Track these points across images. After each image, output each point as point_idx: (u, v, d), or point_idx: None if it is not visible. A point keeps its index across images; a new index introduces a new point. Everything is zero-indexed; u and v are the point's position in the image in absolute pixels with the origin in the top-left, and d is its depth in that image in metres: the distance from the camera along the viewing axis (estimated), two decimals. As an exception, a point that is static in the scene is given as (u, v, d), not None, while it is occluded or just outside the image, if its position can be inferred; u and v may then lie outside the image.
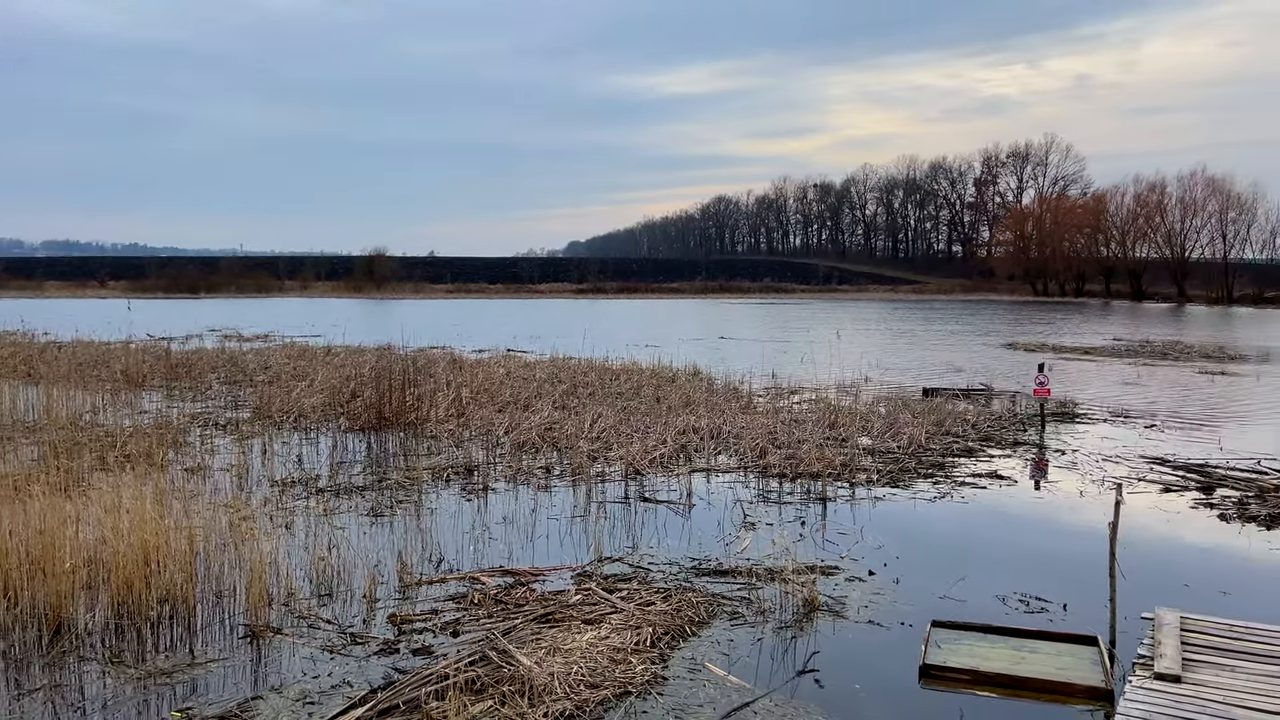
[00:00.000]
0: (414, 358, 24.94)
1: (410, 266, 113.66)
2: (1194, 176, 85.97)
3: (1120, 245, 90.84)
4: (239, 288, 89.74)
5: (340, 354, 28.56)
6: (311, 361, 26.43)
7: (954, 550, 10.25)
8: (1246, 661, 6.76)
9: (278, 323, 47.16)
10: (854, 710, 6.35)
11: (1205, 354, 33.78)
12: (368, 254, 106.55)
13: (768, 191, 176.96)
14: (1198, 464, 14.34)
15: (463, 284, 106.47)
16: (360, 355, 27.55)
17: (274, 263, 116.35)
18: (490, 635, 7.26)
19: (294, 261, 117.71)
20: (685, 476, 13.38)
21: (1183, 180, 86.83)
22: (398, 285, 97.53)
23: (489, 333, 40.95)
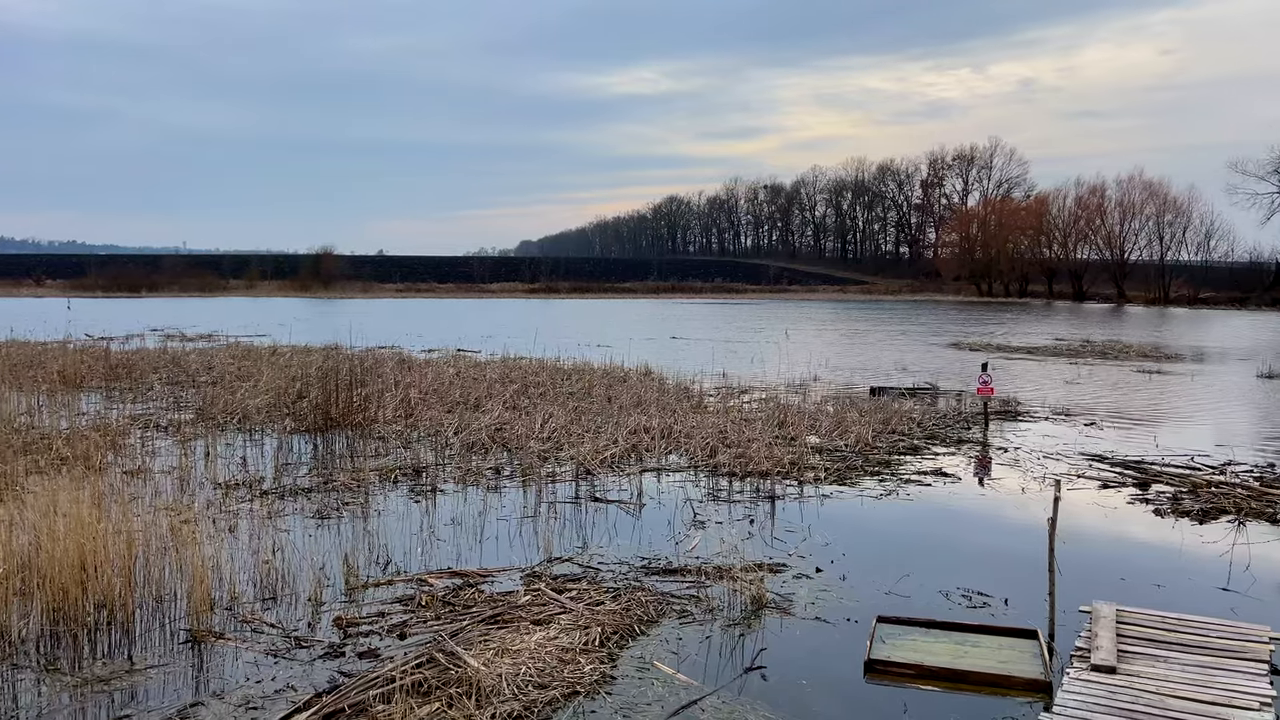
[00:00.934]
0: (362, 358, 24.65)
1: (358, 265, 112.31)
2: (1132, 180, 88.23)
3: (1062, 247, 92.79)
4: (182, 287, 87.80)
5: (286, 354, 28.11)
6: (257, 362, 25.99)
7: (899, 547, 10.40)
8: (1178, 652, 6.96)
9: (222, 322, 46.30)
10: (800, 705, 6.42)
11: (1143, 354, 34.67)
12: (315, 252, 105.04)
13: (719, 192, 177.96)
14: (1135, 461, 14.72)
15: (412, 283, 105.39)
16: (307, 355, 27.14)
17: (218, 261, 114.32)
18: (438, 637, 7.21)
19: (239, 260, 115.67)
20: (636, 476, 13.40)
21: (1121, 183, 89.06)
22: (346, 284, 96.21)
23: (439, 332, 40.61)
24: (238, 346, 31.48)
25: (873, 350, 35.49)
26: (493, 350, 29.94)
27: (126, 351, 28.78)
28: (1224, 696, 6.18)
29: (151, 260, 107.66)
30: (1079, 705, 6.04)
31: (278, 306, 66.41)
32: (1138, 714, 5.92)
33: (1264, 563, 9.74)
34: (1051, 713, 5.98)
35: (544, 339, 32.62)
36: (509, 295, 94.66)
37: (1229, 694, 6.22)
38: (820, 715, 6.28)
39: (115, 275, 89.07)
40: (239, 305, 68.14)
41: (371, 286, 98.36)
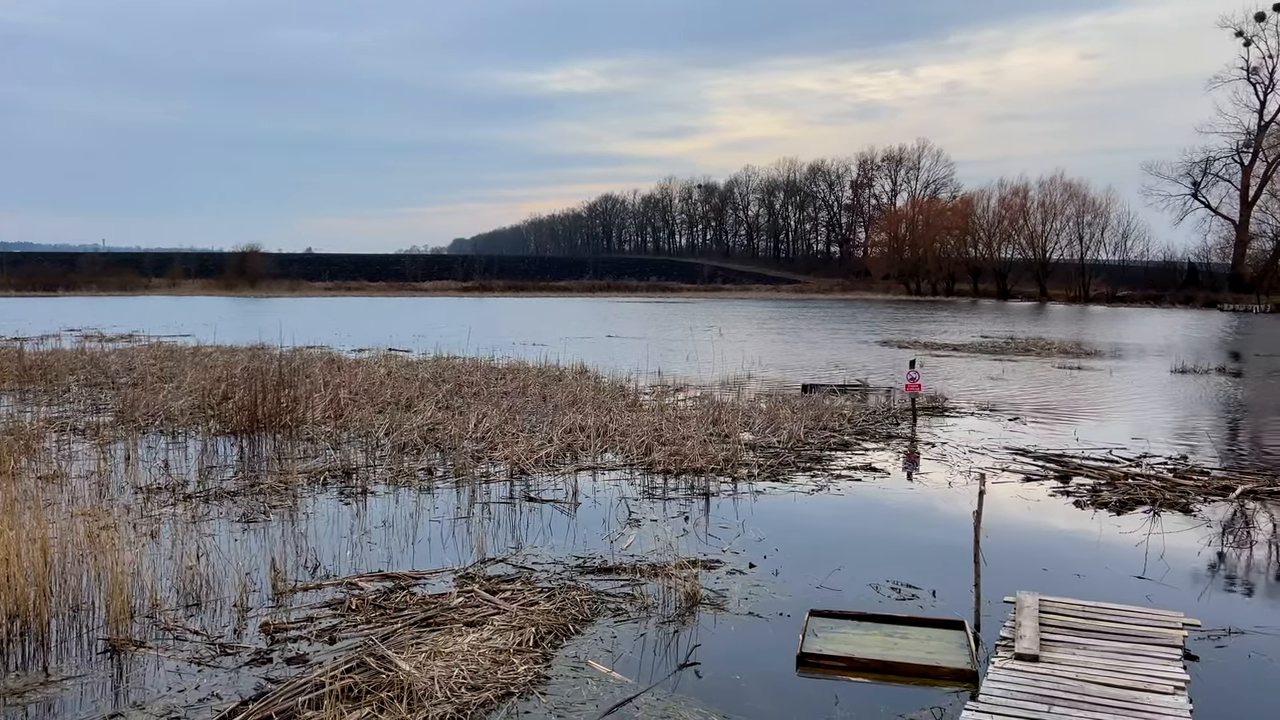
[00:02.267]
0: (290, 358, 24.14)
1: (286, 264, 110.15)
2: (1054, 181, 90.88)
3: (987, 246, 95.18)
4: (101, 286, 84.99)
5: (211, 354, 27.42)
6: (180, 362, 25.29)
7: (831, 541, 10.55)
8: (1098, 639, 7.19)
9: (144, 322, 44.93)
10: (734, 700, 6.47)
11: (1064, 350, 35.73)
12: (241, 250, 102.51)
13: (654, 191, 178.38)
14: (1056, 454, 15.16)
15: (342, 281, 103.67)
16: (233, 355, 26.53)
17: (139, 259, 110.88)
18: (368, 641, 7.09)
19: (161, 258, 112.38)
20: (571, 475, 13.37)
21: (1044, 185, 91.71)
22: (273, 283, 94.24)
23: (369, 332, 39.99)
24: (160, 347, 30.58)
25: (805, 348, 35.95)
26: (425, 349, 29.58)
27: (41, 352, 27.74)
28: (1140, 681, 6.40)
29: (68, 258, 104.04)
30: (1003, 694, 6.20)
31: (202, 305, 64.72)
32: (1059, 700, 6.09)
33: (1177, 551, 10.11)
34: (977, 702, 6.12)
35: (478, 338, 32.35)
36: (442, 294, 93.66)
37: (1145, 679, 6.44)
38: (753, 709, 6.34)
39: (29, 274, 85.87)
40: (161, 304, 66.23)
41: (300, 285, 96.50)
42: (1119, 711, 5.94)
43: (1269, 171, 76.46)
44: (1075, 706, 6.00)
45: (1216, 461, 14.98)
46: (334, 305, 69.74)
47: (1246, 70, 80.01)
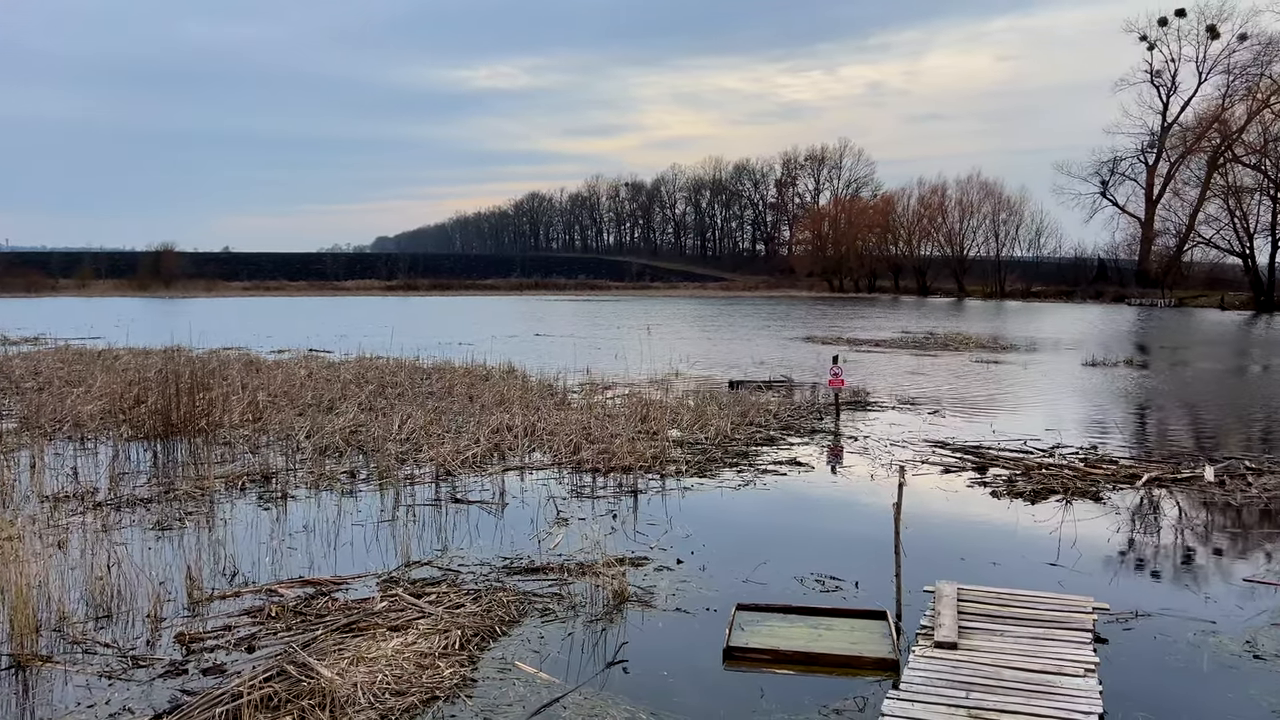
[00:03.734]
0: (206, 360, 23.48)
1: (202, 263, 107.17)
2: (970, 180, 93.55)
3: (907, 244, 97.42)
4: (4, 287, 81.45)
5: (123, 357, 26.49)
6: (89, 365, 24.39)
7: (757, 536, 10.66)
8: (1013, 625, 7.40)
9: (50, 324, 43.22)
10: (661, 696, 6.50)
11: (981, 345, 36.74)
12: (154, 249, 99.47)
13: (581, 190, 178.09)
14: (974, 446, 15.57)
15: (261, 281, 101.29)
16: (146, 358, 25.70)
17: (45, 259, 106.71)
18: (289, 649, 6.93)
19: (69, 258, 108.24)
20: (498, 475, 13.27)
21: (961, 184, 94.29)
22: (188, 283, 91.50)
23: (290, 332, 39.12)
24: (68, 350, 29.46)
25: (732, 345, 36.28)
26: (347, 350, 29.05)
27: (-62, 357, 26.46)
28: (1053, 665, 6.61)
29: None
30: (923, 681, 6.34)
31: (113, 307, 62.51)
32: (976, 686, 6.25)
33: (1088, 538, 10.47)
34: (899, 690, 6.25)
35: (402, 337, 31.88)
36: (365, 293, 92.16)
37: (1057, 662, 6.65)
38: (680, 705, 6.37)
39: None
40: (70, 306, 63.79)
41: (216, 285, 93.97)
42: (1033, 694, 6.12)
43: (1171, 171, 79.77)
44: (991, 691, 6.17)
45: (1125, 451, 15.55)
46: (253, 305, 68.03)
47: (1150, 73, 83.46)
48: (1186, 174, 77.58)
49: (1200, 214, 74.19)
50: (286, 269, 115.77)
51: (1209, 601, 8.50)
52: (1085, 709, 5.92)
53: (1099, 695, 6.14)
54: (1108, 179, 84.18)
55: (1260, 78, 72.10)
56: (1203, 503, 12.24)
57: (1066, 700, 6.04)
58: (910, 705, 5.97)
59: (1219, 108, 75.14)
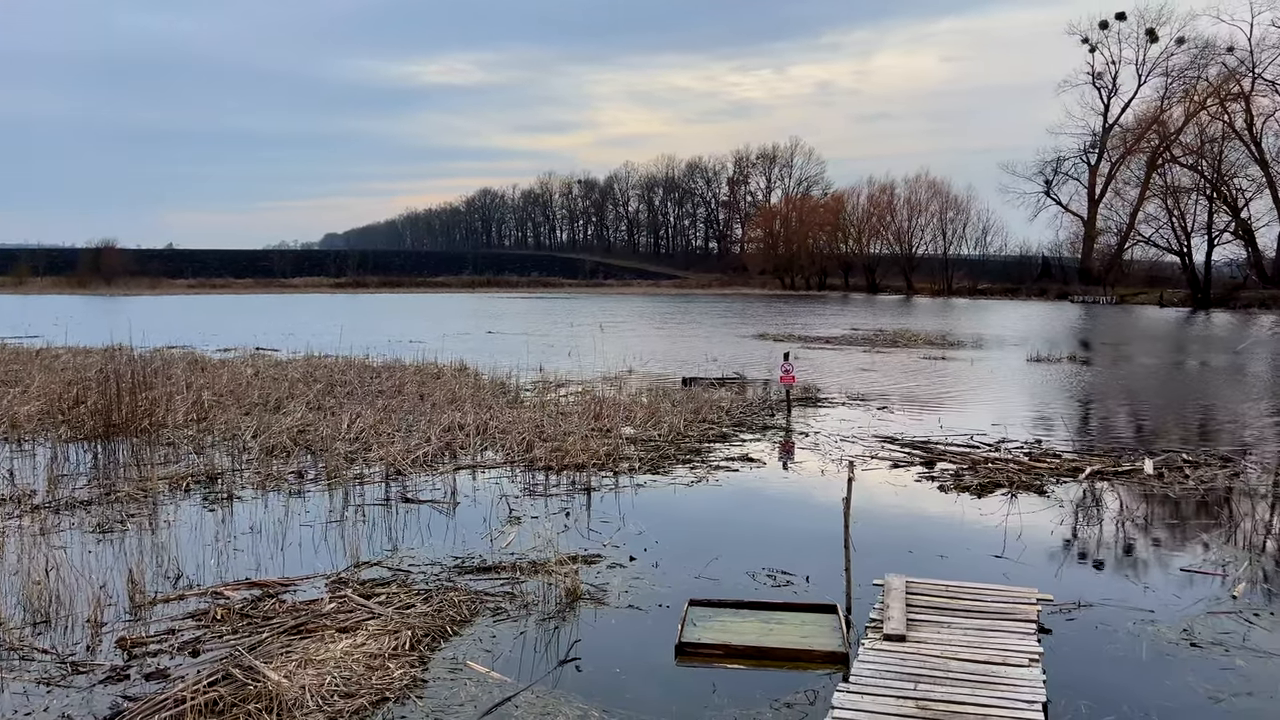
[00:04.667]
0: (149, 359, 22.98)
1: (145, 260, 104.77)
2: (918, 180, 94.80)
3: (857, 242, 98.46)
4: (-65, 284, 78.99)
5: (62, 356, 25.82)
6: (27, 365, 23.72)
7: (710, 532, 10.71)
8: (960, 617, 7.53)
9: (-16, 323, 41.94)
10: (614, 693, 6.50)
11: (929, 341, 37.28)
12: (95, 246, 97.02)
13: (534, 186, 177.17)
14: (922, 441, 15.80)
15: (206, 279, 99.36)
16: (86, 357, 25.06)
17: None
18: (234, 652, 6.81)
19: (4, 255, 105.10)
20: (450, 474, 13.16)
21: (909, 183, 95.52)
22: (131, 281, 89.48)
23: (236, 331, 38.42)
24: (3, 349, 28.60)
25: (685, 342, 36.39)
26: (295, 348, 28.62)
27: None
28: (999, 656, 6.73)
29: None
30: (872, 673, 6.42)
31: (52, 305, 60.89)
32: (924, 678, 6.35)
33: (1032, 531, 10.67)
34: (848, 682, 6.32)
35: (351, 335, 31.48)
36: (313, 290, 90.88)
37: (1003, 653, 6.78)
38: (632, 701, 6.37)
39: None
40: (6, 304, 62.00)
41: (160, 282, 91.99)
42: (979, 685, 6.23)
43: (1113, 171, 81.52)
44: (939, 682, 6.27)
45: (1068, 445, 15.88)
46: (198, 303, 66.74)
47: (1092, 75, 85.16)
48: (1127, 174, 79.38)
49: (1140, 213, 75.98)
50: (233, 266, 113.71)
51: (1148, 591, 8.72)
52: (1029, 698, 6.03)
53: (1043, 685, 6.26)
54: (1051, 179, 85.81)
55: (1197, 81, 74.07)
56: (1142, 495, 12.55)
57: (1011, 690, 6.15)
58: (859, 698, 6.04)
59: (1157, 109, 76.98)
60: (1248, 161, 69.91)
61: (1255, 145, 69.62)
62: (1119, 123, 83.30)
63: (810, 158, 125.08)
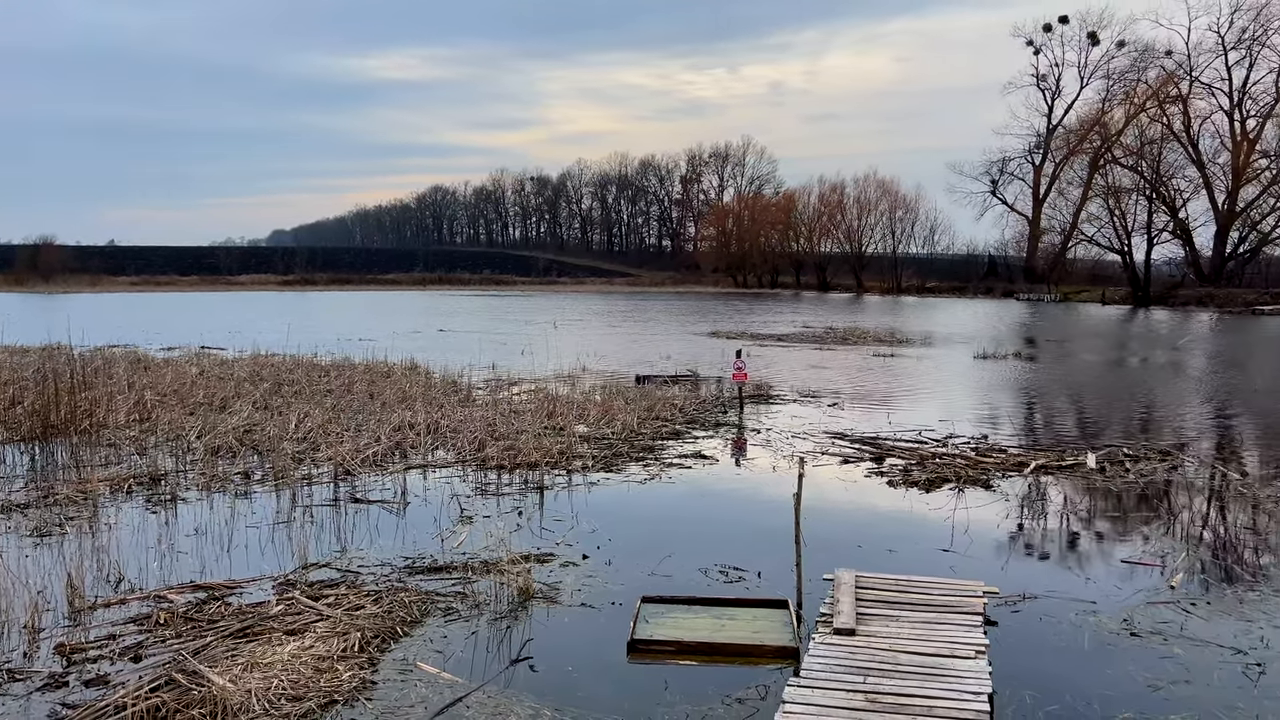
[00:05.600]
0: (89, 358, 22.42)
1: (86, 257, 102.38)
2: (868, 179, 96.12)
3: (808, 241, 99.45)
4: None
5: (-3, 355, 25.08)
6: (-41, 365, 22.99)
7: (663, 529, 10.73)
8: (908, 610, 7.63)
9: (-85, 321, 40.56)
10: (565, 691, 6.48)
11: (879, 339, 37.74)
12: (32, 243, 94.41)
13: (485, 183, 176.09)
14: (871, 437, 15.99)
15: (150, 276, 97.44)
16: (23, 356, 24.39)
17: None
18: (178, 656, 6.68)
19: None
20: (400, 474, 13.03)
21: (859, 182, 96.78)
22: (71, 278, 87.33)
23: (181, 329, 37.67)
24: (-65, 348, 27.69)
25: (639, 340, 36.42)
26: (241, 347, 28.11)
27: None
28: (946, 648, 6.83)
29: None
30: (823, 667, 6.48)
31: (-14, 302, 59.11)
32: (873, 671, 6.42)
33: (978, 524, 10.85)
34: (799, 677, 6.37)
35: (300, 334, 31.01)
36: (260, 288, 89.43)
37: (950, 645, 6.88)
38: (584, 699, 6.36)
39: None
40: (-63, 301, 60.05)
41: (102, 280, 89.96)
42: (926, 677, 6.32)
43: (1056, 171, 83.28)
44: (887, 675, 6.35)
45: (1013, 440, 16.18)
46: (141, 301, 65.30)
47: (1036, 77, 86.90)
48: (1070, 174, 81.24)
49: (1083, 213, 77.82)
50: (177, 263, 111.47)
51: (1090, 583, 8.91)
52: (975, 689, 6.13)
53: (989, 676, 6.37)
54: (997, 178, 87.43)
55: (1136, 83, 75.96)
56: (1085, 489, 12.83)
57: (958, 681, 6.25)
58: (810, 691, 6.09)
59: (1099, 111, 78.86)
60: (1185, 163, 72.07)
61: (1192, 147, 71.67)
62: (1062, 124, 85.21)
63: (762, 157, 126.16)
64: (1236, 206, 70.05)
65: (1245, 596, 8.53)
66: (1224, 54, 71.08)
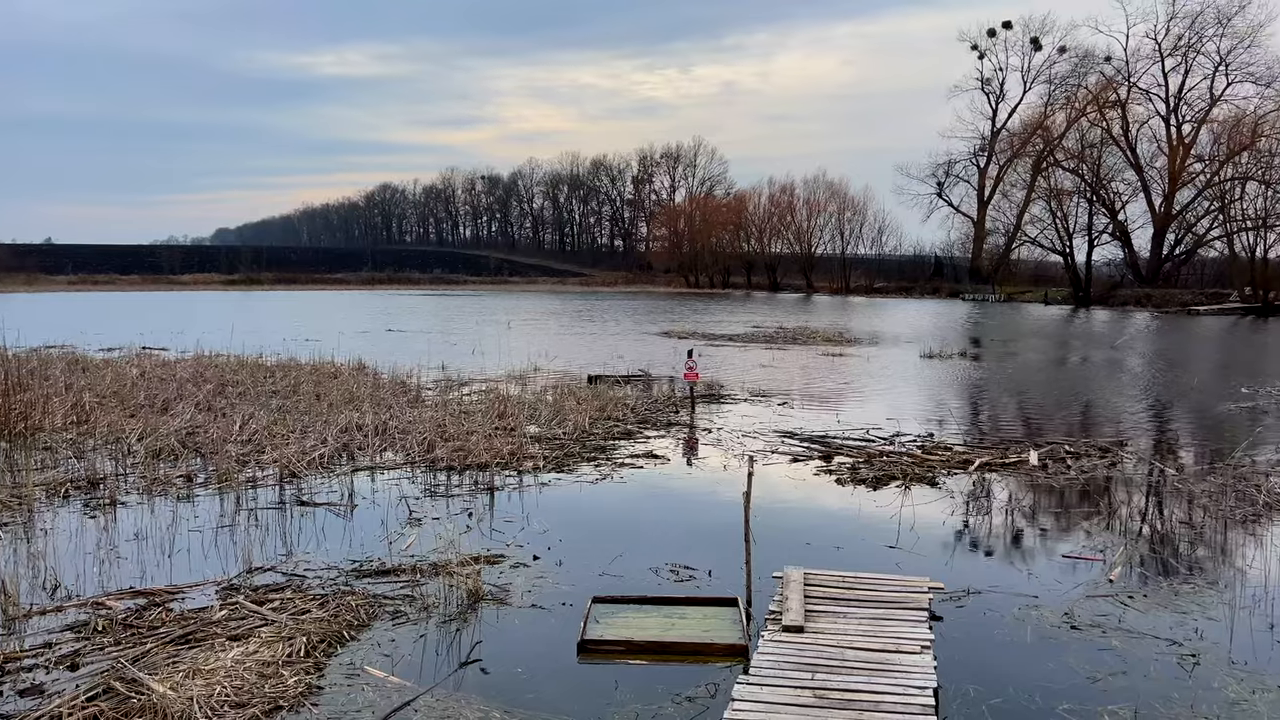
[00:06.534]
0: (24, 359, 21.80)
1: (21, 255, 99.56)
2: (817, 180, 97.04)
3: (759, 241, 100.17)
4: None
5: (-74, 357, 24.25)
6: (-114, 366, 22.21)
7: (614, 529, 10.73)
8: (855, 607, 7.72)
9: None
10: (515, 693, 6.45)
11: (828, 338, 38.13)
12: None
13: (435, 182, 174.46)
14: (820, 436, 16.15)
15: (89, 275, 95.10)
16: (-47, 358, 23.59)
17: None
18: (117, 664, 6.52)
19: None
20: (347, 476, 12.87)
21: (808, 183, 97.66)
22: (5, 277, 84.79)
23: (121, 329, 36.78)
24: None
25: (591, 339, 36.38)
26: (184, 347, 27.56)
27: None
28: (892, 643, 6.92)
29: None
30: (771, 665, 6.53)
31: (-85, 302, 57.17)
32: (821, 667, 6.49)
33: (925, 521, 11.02)
34: (748, 674, 6.41)
35: (244, 334, 30.45)
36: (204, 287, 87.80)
37: (896, 640, 6.98)
38: (534, 700, 6.34)
39: None
40: None
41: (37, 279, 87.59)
42: (873, 673, 6.40)
43: (1000, 174, 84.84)
44: (835, 672, 6.42)
45: (959, 438, 16.45)
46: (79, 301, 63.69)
47: (981, 81, 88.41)
48: (1014, 177, 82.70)
49: (1026, 215, 79.29)
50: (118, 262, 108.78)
51: (1032, 577, 9.10)
52: (921, 684, 6.23)
53: (934, 670, 6.48)
54: (943, 180, 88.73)
55: (1077, 88, 77.70)
56: (1029, 485, 13.09)
57: (904, 676, 6.34)
58: (759, 689, 6.14)
59: (1041, 115, 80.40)
60: (1124, 166, 73.95)
61: (1131, 151, 73.56)
62: (1006, 127, 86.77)
63: (714, 157, 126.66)
64: (1173, 209, 71.98)
65: (1180, 589, 8.77)
66: (1160, 61, 73.13)
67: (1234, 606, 8.26)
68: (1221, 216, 66.83)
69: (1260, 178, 62.95)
